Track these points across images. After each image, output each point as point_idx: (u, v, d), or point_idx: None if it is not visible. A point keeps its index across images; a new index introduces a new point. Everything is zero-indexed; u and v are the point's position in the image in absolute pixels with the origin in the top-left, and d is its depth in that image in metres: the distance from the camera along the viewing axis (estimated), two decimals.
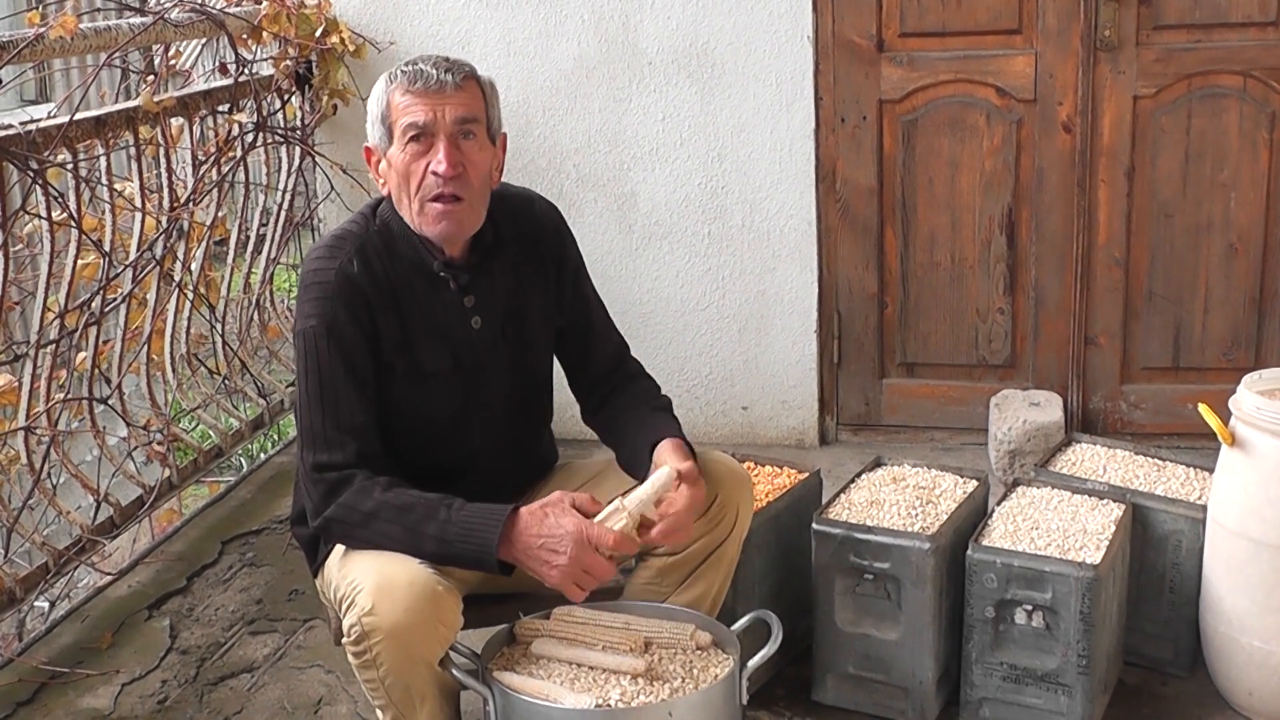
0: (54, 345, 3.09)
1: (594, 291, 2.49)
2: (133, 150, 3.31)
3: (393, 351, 2.23)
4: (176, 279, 3.57)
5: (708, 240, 3.95)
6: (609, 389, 2.46)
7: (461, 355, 2.29)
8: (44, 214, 2.99)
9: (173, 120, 3.46)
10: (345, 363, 2.18)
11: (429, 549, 2.10)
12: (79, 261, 3.13)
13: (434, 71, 2.18)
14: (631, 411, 2.40)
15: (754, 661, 2.19)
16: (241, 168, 3.78)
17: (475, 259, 2.29)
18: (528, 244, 2.36)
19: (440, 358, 2.27)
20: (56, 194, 3.00)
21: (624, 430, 2.39)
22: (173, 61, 3.74)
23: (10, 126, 2.85)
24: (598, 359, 2.46)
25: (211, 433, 3.82)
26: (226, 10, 3.60)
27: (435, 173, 2.17)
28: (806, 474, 2.87)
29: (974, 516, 2.71)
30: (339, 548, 2.21)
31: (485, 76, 2.27)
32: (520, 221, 2.36)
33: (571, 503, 2.13)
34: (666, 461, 2.21)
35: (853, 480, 2.84)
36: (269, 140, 3.91)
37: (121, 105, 3.29)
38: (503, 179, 2.34)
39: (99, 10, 4.34)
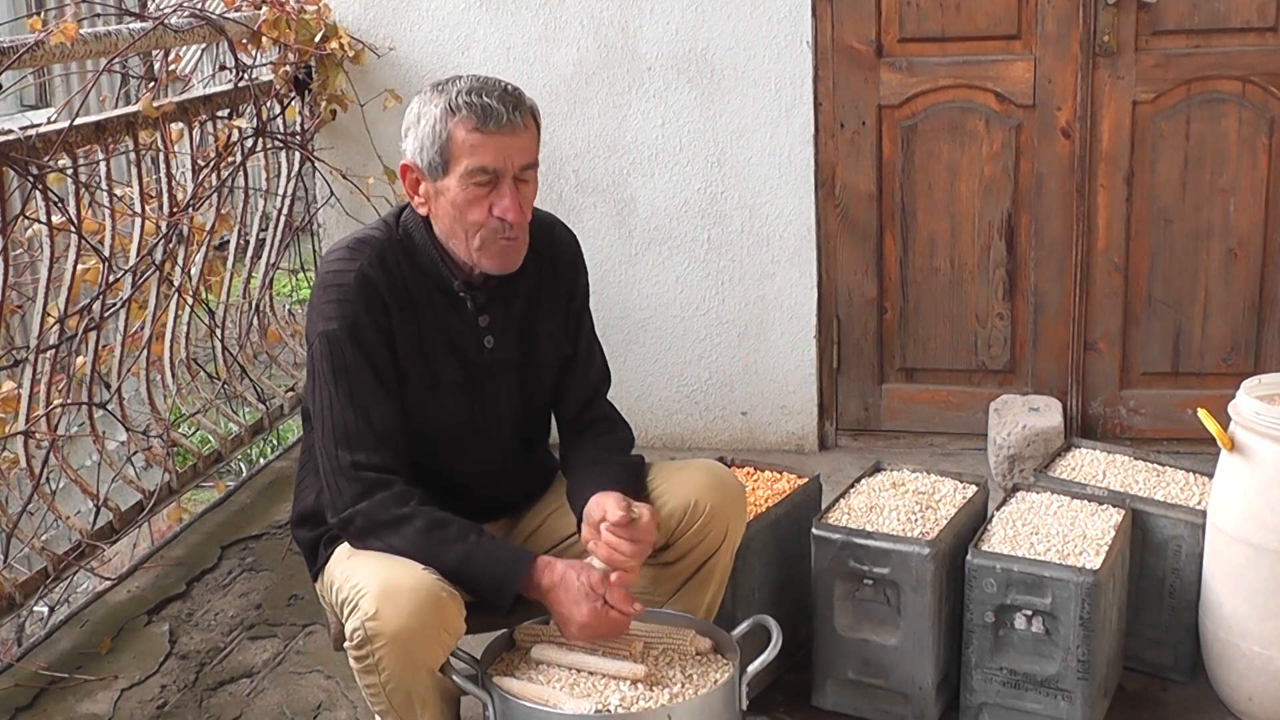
0: (54, 350, 3.09)
1: (590, 328, 2.48)
2: (132, 155, 3.31)
3: (408, 359, 2.23)
4: (176, 284, 3.57)
5: (707, 245, 3.95)
6: (574, 434, 2.44)
7: (471, 371, 2.29)
8: (44, 219, 2.99)
9: (172, 125, 3.46)
10: (370, 366, 2.18)
11: (450, 563, 2.10)
12: (79, 266, 3.13)
13: (502, 109, 2.13)
14: (580, 459, 2.37)
15: (753, 667, 2.19)
16: (241, 173, 3.79)
17: (495, 280, 2.28)
18: (546, 268, 2.36)
19: (451, 370, 2.27)
20: (56, 199, 3.00)
21: (575, 481, 2.35)
22: (172, 67, 3.74)
23: (10, 131, 2.85)
24: (566, 398, 2.44)
25: (211, 438, 3.82)
26: (226, 15, 3.60)
27: (503, 219, 2.16)
28: (806, 479, 2.87)
29: (973, 521, 2.71)
30: (340, 552, 2.21)
31: (532, 101, 2.22)
32: (540, 245, 2.35)
33: (589, 583, 2.12)
34: (601, 508, 2.17)
35: (852, 485, 2.84)
36: (268, 145, 3.91)
37: (121, 110, 3.29)
38: None
39: (99, 15, 4.34)
